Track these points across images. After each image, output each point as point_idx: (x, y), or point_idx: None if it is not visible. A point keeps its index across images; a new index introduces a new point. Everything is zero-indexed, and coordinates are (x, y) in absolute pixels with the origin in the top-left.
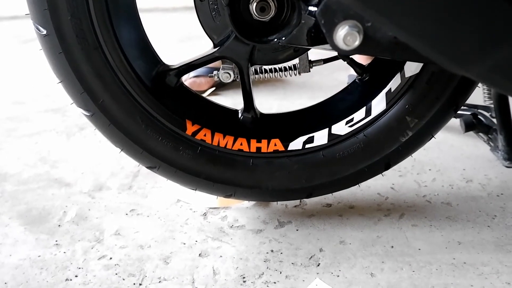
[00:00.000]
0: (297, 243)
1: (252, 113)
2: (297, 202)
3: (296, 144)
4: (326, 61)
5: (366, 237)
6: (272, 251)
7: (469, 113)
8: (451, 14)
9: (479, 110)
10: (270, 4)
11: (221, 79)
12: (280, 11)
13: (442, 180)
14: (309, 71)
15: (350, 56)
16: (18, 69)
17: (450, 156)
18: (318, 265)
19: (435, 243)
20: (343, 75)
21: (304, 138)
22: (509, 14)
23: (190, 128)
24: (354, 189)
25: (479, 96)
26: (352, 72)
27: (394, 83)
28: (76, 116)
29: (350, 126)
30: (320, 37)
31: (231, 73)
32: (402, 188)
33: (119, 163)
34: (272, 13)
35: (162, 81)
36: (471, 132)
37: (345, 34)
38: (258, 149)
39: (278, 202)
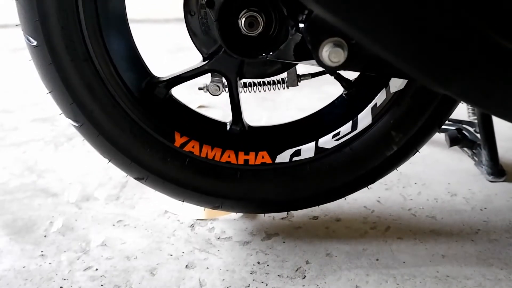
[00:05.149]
0: (284, 255)
1: (241, 125)
2: (284, 214)
3: (284, 157)
4: (314, 75)
5: (352, 250)
6: (258, 263)
7: (454, 128)
8: (430, 35)
9: (464, 125)
10: (259, 20)
11: (210, 92)
12: (268, 27)
13: (427, 193)
14: (297, 85)
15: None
16: (7, 77)
17: (435, 170)
18: (304, 277)
19: (420, 256)
20: (331, 89)
21: (292, 151)
22: (485, 36)
23: (179, 140)
24: (340, 202)
25: (463, 111)
26: None
27: (379, 98)
28: (64, 126)
29: (337, 140)
30: (307, 52)
31: (220, 86)
32: (388, 201)
33: (107, 174)
34: (260, 28)
35: (151, 93)
36: (456, 147)
37: (330, 51)
38: (246, 161)
39: (265, 214)
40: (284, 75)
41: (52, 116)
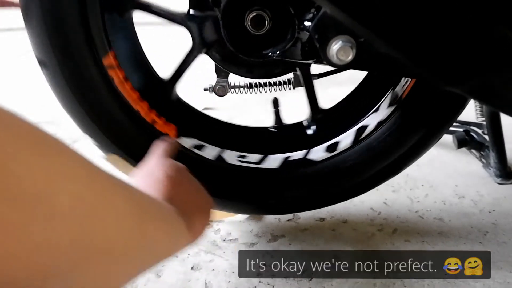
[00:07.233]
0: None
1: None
2: (290, 216)
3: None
4: (320, 76)
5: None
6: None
7: (462, 130)
8: (442, 32)
9: (472, 127)
10: (265, 18)
11: (216, 93)
12: (275, 26)
13: (435, 196)
14: (303, 86)
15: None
16: (13, 80)
17: (442, 172)
18: (311, 280)
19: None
20: (338, 90)
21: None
22: (499, 31)
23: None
24: (347, 204)
25: (471, 113)
26: None
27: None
28: (70, 128)
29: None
30: (314, 51)
31: (226, 86)
32: (395, 203)
33: None
34: (267, 27)
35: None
36: (464, 149)
37: (338, 49)
38: None
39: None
40: (290, 75)
41: (57, 118)
